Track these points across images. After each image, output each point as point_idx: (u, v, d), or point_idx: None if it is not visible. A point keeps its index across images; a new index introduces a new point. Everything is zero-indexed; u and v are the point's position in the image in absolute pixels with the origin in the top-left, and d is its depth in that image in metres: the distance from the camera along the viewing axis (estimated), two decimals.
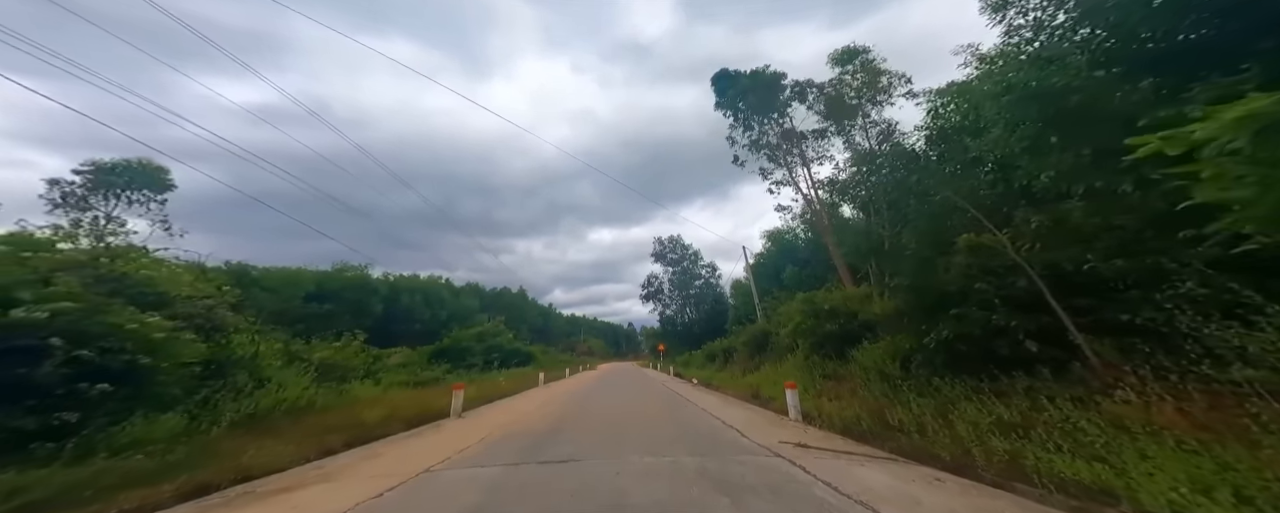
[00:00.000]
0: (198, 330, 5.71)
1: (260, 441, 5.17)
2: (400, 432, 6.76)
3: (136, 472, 3.70)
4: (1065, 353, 4.14)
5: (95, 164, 22.56)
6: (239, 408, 5.92)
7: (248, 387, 6.54)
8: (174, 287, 6.06)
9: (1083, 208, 3.97)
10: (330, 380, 10.33)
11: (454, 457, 4.73)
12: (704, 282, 44.93)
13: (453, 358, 22.32)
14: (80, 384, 3.88)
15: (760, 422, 6.83)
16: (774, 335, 13.41)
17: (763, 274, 21.95)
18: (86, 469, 3.47)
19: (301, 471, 4.42)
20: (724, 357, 19.66)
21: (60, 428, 3.75)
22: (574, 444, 5.24)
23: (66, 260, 4.70)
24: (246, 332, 7.33)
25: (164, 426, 4.56)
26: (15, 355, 3.60)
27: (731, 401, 10.14)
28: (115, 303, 4.49)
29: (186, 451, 4.33)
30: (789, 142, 17.85)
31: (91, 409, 3.99)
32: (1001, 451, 3.65)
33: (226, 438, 5.15)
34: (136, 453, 3.95)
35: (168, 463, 3.98)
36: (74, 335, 3.92)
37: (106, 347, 4.14)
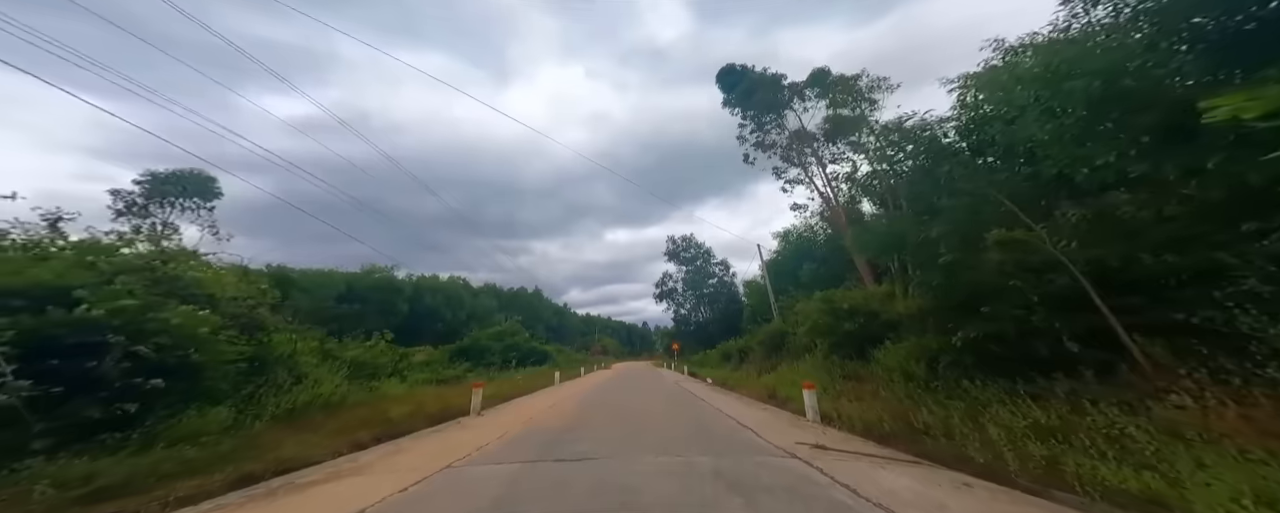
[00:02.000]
0: (241, 329, 6.09)
1: (298, 434, 5.47)
2: (424, 428, 7.00)
3: (191, 461, 3.98)
4: (1111, 355, 3.88)
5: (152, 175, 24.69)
6: (279, 403, 6.27)
7: (287, 383, 6.92)
8: (220, 288, 6.46)
9: (1131, 200, 3.71)
10: (361, 378, 10.84)
11: (474, 454, 4.88)
12: (718, 281, 44.47)
13: (473, 357, 22.97)
14: (138, 379, 4.19)
15: (777, 422, 6.72)
16: (791, 335, 13.16)
17: (779, 273, 21.54)
18: (147, 458, 3.76)
19: (335, 464, 4.64)
20: (739, 356, 19.42)
21: (123, 419, 4.06)
22: (589, 443, 5.30)
23: (126, 263, 5.11)
24: (285, 331, 7.72)
25: (213, 419, 4.87)
26: (83, 351, 3.93)
27: (747, 401, 10.01)
28: (169, 303, 4.86)
29: (233, 443, 4.62)
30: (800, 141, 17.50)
31: (150, 402, 4.31)
32: (1038, 456, 3.47)
33: (268, 431, 5.46)
34: (190, 444, 4.25)
35: (217, 454, 4.26)
36: (133, 333, 4.24)
37: (161, 343, 4.45)
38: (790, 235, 24.67)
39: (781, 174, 18.14)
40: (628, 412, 8.46)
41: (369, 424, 6.38)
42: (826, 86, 16.66)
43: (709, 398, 10.79)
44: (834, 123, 16.17)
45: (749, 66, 18.58)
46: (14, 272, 4.04)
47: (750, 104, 18.06)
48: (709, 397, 11.10)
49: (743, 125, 18.62)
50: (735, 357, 20.64)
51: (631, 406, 9.57)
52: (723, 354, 24.70)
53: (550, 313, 65.58)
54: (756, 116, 18.16)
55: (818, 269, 17.55)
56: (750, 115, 18.29)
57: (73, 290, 4.10)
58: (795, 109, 17.66)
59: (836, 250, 16.51)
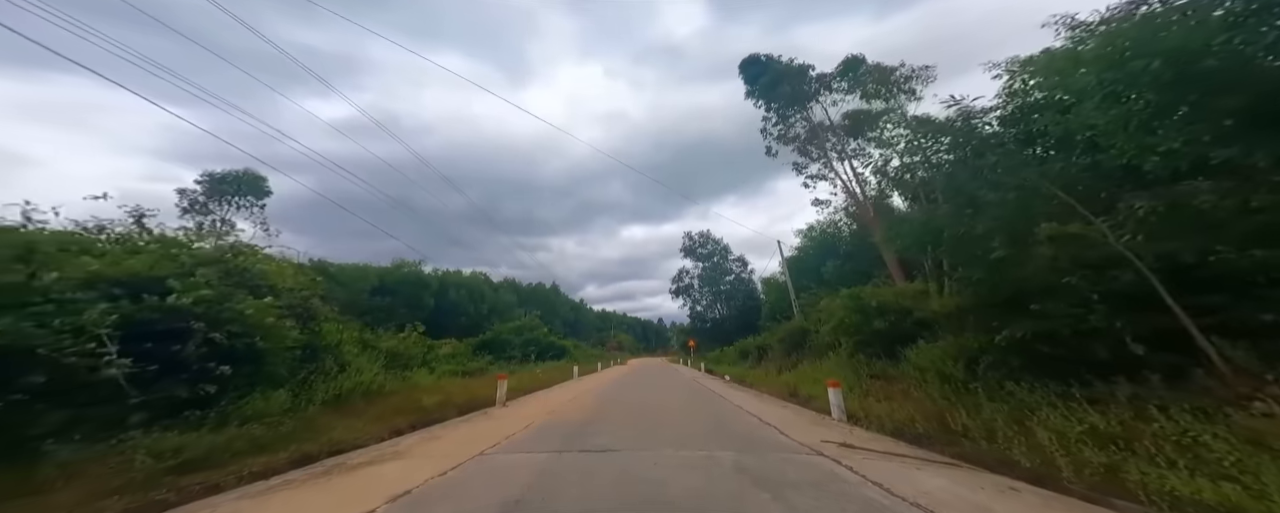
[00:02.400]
0: (296, 318, 6.52)
1: (344, 419, 5.82)
2: (454, 417, 7.30)
3: (258, 440, 4.30)
4: (1182, 358, 3.58)
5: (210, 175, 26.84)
6: (328, 389, 6.66)
7: (334, 370, 7.35)
8: (281, 279, 6.92)
9: (1212, 189, 3.38)
10: (396, 368, 11.42)
11: (503, 442, 5.05)
12: (735, 277, 43.88)
13: (494, 350, 23.71)
14: (212, 362, 4.57)
15: (800, 420, 6.61)
16: (813, 333, 12.86)
17: (800, 270, 21.03)
18: (223, 435, 4.09)
19: (379, 448, 4.92)
20: (758, 354, 19.16)
21: (204, 399, 4.45)
22: (611, 436, 5.38)
23: (203, 256, 5.58)
24: (332, 321, 8.19)
25: (275, 401, 5.24)
26: (171, 335, 4.32)
27: (767, 398, 9.89)
28: (238, 293, 5.26)
29: (292, 425, 4.96)
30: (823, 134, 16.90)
31: (224, 384, 4.69)
32: (1096, 463, 3.27)
33: (319, 415, 5.81)
34: (257, 424, 4.59)
35: (280, 434, 4.58)
36: (210, 320, 4.62)
37: (233, 331, 4.84)
38: (813, 232, 24.00)
39: (802, 170, 17.62)
40: (646, 407, 8.52)
41: (405, 412, 6.72)
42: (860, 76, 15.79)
43: (727, 395, 10.71)
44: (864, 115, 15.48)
45: (774, 56, 17.99)
46: (112, 263, 4.47)
47: (774, 96, 17.54)
48: (727, 394, 11.02)
49: (766, 118, 18.14)
50: (753, 354, 20.37)
51: (649, 401, 9.62)
52: (740, 351, 24.44)
53: (567, 309, 66.65)
54: (780, 109, 17.62)
55: (841, 266, 17.01)
56: (774, 108, 17.77)
57: (165, 280, 4.52)
58: (822, 101, 17.02)
59: (863, 247, 15.94)
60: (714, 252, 45.30)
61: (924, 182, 7.24)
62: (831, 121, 16.65)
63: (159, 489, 3.15)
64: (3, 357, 3.20)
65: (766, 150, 18.43)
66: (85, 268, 4.23)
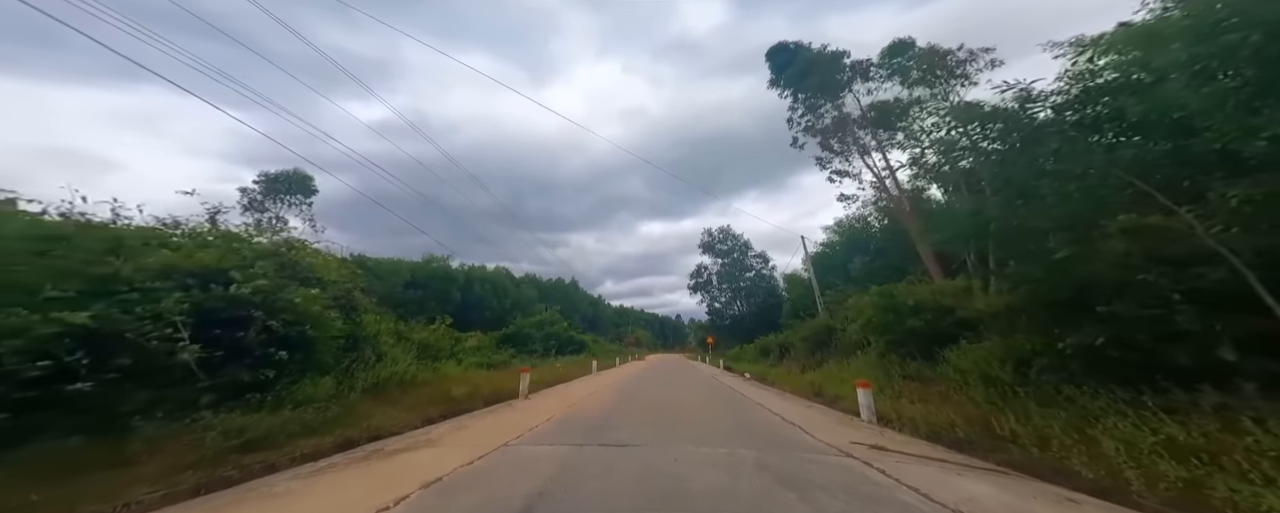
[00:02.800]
0: (340, 309, 6.94)
1: (382, 407, 6.12)
2: (481, 408, 7.57)
3: (308, 423, 4.60)
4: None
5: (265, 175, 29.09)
6: (367, 377, 7.04)
7: (372, 360, 7.77)
8: (327, 272, 7.34)
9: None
10: (427, 359, 11.99)
11: (526, 434, 5.18)
12: (756, 274, 43.02)
13: (517, 344, 24.38)
14: (270, 349, 4.91)
15: (826, 421, 6.43)
16: (839, 331, 12.43)
17: (826, 266, 20.33)
18: (278, 418, 4.39)
19: (413, 435, 5.16)
20: (780, 352, 18.74)
21: (264, 383, 4.81)
22: (630, 431, 5.40)
23: (262, 250, 6.04)
24: (372, 312, 8.64)
25: (322, 388, 5.57)
26: (235, 323, 4.69)
27: (789, 397, 9.67)
28: (291, 285, 5.65)
29: (337, 411, 5.26)
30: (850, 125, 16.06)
31: (281, 369, 5.04)
32: (1173, 477, 2.98)
33: (360, 402, 6.14)
34: (306, 409, 4.90)
35: (326, 419, 4.88)
36: (267, 309, 4.96)
37: (286, 319, 5.18)
38: (839, 227, 23.11)
39: (827, 164, 16.88)
40: (665, 403, 8.53)
41: (436, 402, 7.03)
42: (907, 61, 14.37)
43: (748, 393, 10.57)
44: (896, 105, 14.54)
45: (805, 44, 17.17)
46: (186, 256, 4.89)
47: (803, 85, 16.80)
48: (748, 391, 10.88)
49: (793, 108, 17.45)
50: (775, 352, 19.94)
51: (668, 397, 9.61)
52: (761, 349, 24.00)
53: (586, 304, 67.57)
54: (809, 99, 16.87)
55: (870, 263, 16.29)
56: (801, 98, 17.04)
57: (228, 272, 4.89)
58: (856, 91, 16.14)
59: (895, 242, 15.18)
60: (734, 248, 44.54)
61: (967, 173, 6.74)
62: (864, 111, 15.80)
63: (225, 466, 3.44)
64: (97, 340, 3.55)
65: (792, 142, 17.78)
66: (162, 260, 4.64)
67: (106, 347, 3.62)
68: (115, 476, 3.03)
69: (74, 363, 3.34)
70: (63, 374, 3.31)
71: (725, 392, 10.83)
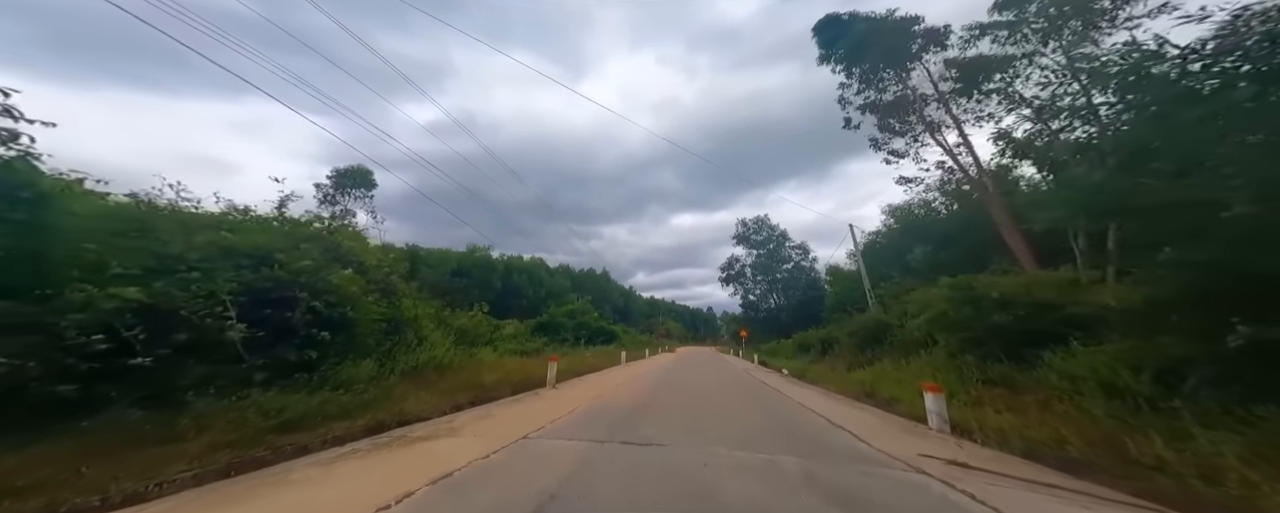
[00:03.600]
0: (381, 293, 7.21)
1: (417, 391, 6.24)
2: (508, 396, 7.56)
3: (345, 405, 4.70)
4: None
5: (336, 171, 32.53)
6: (407, 361, 7.25)
7: (413, 343, 8.02)
8: (368, 256, 7.62)
9: None
10: (464, 344, 12.50)
11: (548, 427, 4.96)
12: (794, 266, 40.68)
13: (549, 332, 25.03)
14: (314, 330, 5.09)
15: (883, 427, 5.59)
16: (895, 327, 11.08)
17: (878, 257, 18.42)
18: (316, 400, 4.51)
19: (437, 423, 5.12)
20: (821, 348, 17.40)
21: (309, 363, 5.01)
22: (656, 427, 5.02)
23: (309, 233, 6.36)
24: (411, 297, 8.90)
25: (364, 370, 5.75)
26: (283, 303, 4.89)
27: (835, 397, 8.75)
28: (334, 266, 5.88)
29: (374, 393, 5.39)
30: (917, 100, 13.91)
31: (325, 350, 5.22)
32: None
33: (398, 385, 6.31)
34: (346, 391, 5.05)
35: (361, 401, 4.99)
36: (311, 290, 5.15)
37: (330, 301, 5.37)
38: (897, 214, 20.83)
39: (885, 145, 14.89)
40: (696, 397, 8.04)
41: (467, 388, 7.08)
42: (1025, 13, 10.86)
43: (787, 390, 9.77)
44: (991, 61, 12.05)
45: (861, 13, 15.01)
46: (243, 238, 5.17)
47: (860, 58, 14.82)
48: (787, 389, 10.06)
49: (845, 85, 15.52)
50: (816, 348, 18.56)
51: (699, 390, 9.11)
52: (799, 344, 22.55)
53: (617, 295, 68.23)
54: (868, 73, 14.84)
55: (934, 253, 14.35)
56: (858, 73, 15.05)
57: (275, 253, 5.13)
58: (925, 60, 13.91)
59: (970, 229, 13.15)
60: (770, 238, 42.30)
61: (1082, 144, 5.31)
62: (936, 82, 13.62)
63: (260, 447, 3.50)
64: (154, 315, 3.78)
65: (845, 123, 15.89)
66: (219, 241, 4.93)
67: (164, 323, 3.84)
68: (161, 451, 3.13)
69: (132, 338, 3.55)
70: (123, 349, 3.53)
71: (760, 388, 10.11)
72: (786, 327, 31.85)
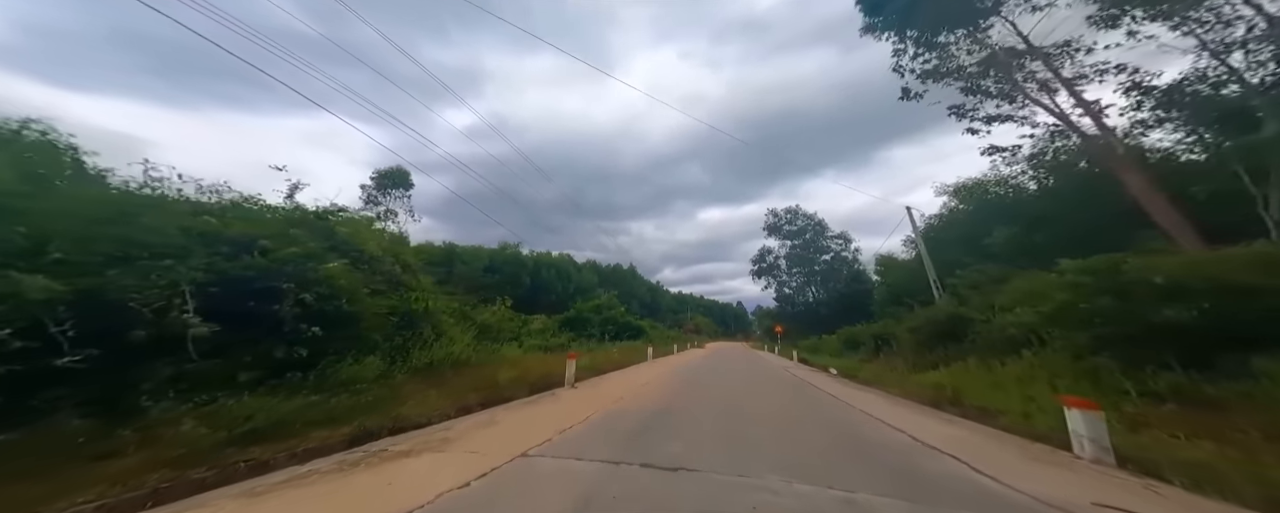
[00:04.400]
0: (388, 285, 6.67)
1: (425, 390, 5.62)
2: (523, 397, 6.79)
3: (333, 409, 4.08)
4: None
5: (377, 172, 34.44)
6: (422, 357, 6.71)
7: (430, 339, 7.40)
8: (368, 245, 6.99)
9: None
10: (487, 340, 12.08)
11: (556, 439, 4.06)
12: (833, 257, 37.58)
13: (576, 327, 24.63)
14: (303, 325, 4.53)
15: (1000, 452, 4.11)
16: (980, 322, 9.12)
17: (940, 243, 15.92)
18: (295, 403, 3.89)
19: (431, 432, 4.36)
20: (875, 345, 15.33)
21: (300, 361, 4.46)
22: (686, 442, 3.96)
23: (296, 218, 5.86)
24: (425, 290, 8.26)
25: (369, 368, 5.20)
26: (267, 294, 4.36)
27: (906, 405, 7.19)
28: (329, 255, 5.34)
29: (377, 393, 4.78)
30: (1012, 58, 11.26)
31: (319, 347, 4.66)
32: None
33: (408, 383, 5.73)
34: (346, 390, 4.47)
35: (359, 404, 4.37)
36: (298, 280, 4.58)
37: (321, 293, 4.78)
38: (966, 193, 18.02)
39: (967, 113, 12.44)
40: (733, 400, 6.85)
41: (480, 388, 6.39)
42: None
43: (842, 394, 8.25)
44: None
45: None
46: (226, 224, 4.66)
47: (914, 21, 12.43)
48: (841, 392, 8.53)
49: (899, 50, 13.21)
50: (868, 344, 16.47)
51: (736, 392, 7.87)
52: (846, 340, 20.38)
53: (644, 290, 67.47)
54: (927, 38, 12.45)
55: (1024, 235, 11.86)
56: (914, 36, 12.67)
57: (258, 240, 4.60)
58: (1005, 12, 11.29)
59: (1083, 204, 10.54)
60: (805, 228, 39.33)
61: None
62: (1027, 37, 11.02)
63: (206, 465, 2.85)
64: (102, 308, 3.27)
65: (902, 94, 13.57)
66: (201, 227, 4.46)
67: (111, 317, 3.33)
68: (83, 471, 2.56)
69: (58, 335, 3.02)
70: (51, 347, 3.01)
71: (811, 392, 8.67)
72: (827, 321, 29.41)
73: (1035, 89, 11.11)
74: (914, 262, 20.63)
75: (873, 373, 11.68)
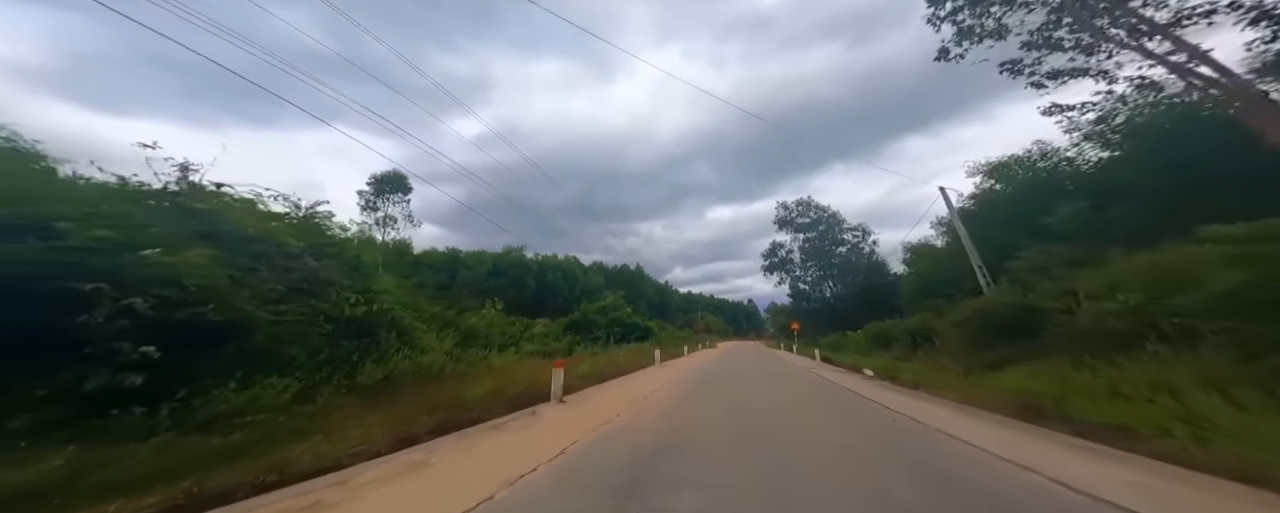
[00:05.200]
0: (309, 283, 5.25)
1: (361, 416, 4.35)
2: (497, 416, 5.43)
3: (176, 458, 2.82)
4: None
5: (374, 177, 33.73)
6: (373, 373, 5.48)
7: (391, 349, 6.21)
8: (261, 227, 5.07)
9: None
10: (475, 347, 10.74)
11: (517, 483, 2.74)
12: (850, 249, 35.49)
13: (581, 330, 23.41)
14: (126, 343, 3.11)
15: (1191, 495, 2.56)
16: (1059, 313, 7.44)
17: (984, 226, 14.06)
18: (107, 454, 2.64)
19: (314, 486, 2.95)
20: (912, 341, 13.58)
21: (131, 393, 3.10)
22: (701, 489, 2.64)
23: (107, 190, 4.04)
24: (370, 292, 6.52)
25: (262, 396, 3.89)
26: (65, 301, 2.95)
27: (981, 416, 5.58)
28: (197, 243, 3.83)
29: (271, 429, 3.53)
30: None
31: (173, 371, 3.34)
32: None
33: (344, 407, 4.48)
34: (222, 428, 3.25)
35: (230, 445, 3.13)
36: (115, 279, 3.16)
37: (168, 297, 3.40)
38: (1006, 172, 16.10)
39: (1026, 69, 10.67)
40: (761, 421, 5.29)
41: (439, 408, 5.06)
42: None
43: (898, 405, 6.49)
44: None
45: None
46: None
47: None
48: (895, 403, 6.72)
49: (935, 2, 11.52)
50: (902, 341, 14.72)
51: (762, 407, 6.29)
52: (874, 337, 18.57)
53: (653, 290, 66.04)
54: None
55: (1098, 209, 9.99)
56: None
57: (57, 222, 3.19)
58: None
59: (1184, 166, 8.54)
60: (820, 220, 37.35)
61: None
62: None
63: None
64: None
65: (939, 54, 11.85)
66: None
67: None
68: None
69: None
70: None
71: (854, 402, 7.10)
72: (847, 317, 27.53)
73: (1124, 35, 9.22)
74: (947, 250, 18.69)
75: (916, 374, 9.97)
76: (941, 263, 17.37)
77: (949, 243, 18.73)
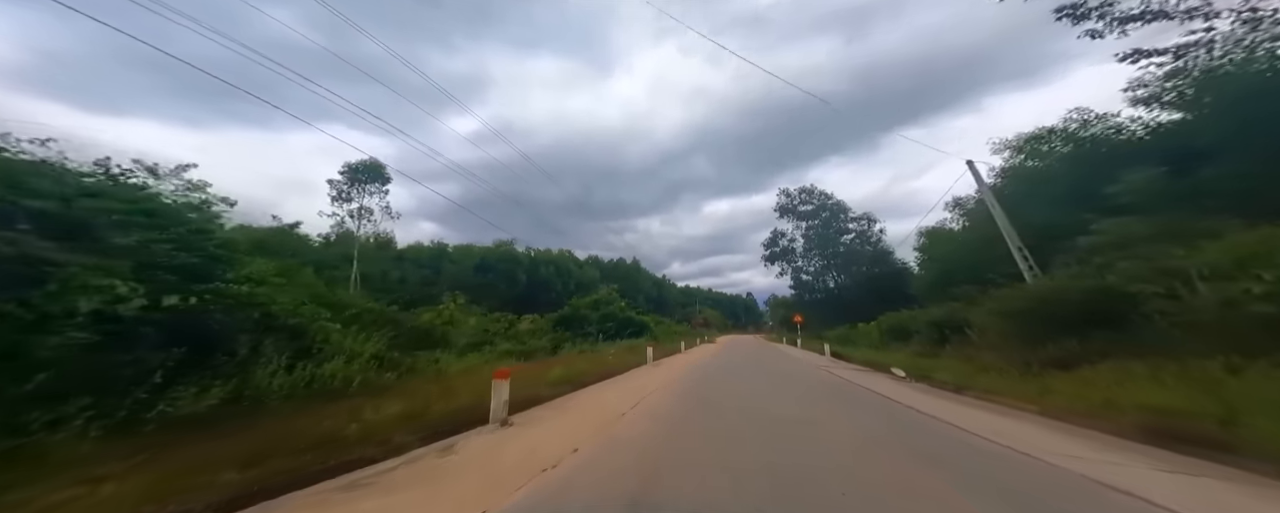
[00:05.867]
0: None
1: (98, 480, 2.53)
2: (389, 455, 3.57)
3: None
4: None
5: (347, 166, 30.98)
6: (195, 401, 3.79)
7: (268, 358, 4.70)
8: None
9: None
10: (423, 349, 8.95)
11: None
12: (856, 238, 33.85)
13: (572, 326, 21.75)
14: None
15: None
16: (1160, 298, 5.80)
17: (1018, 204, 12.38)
18: None
19: None
20: (939, 334, 12.00)
21: None
22: None
23: None
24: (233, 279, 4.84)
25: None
26: None
27: (1094, 438, 4.00)
28: None
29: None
30: None
31: None
32: None
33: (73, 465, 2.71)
34: None
35: None
36: None
37: None
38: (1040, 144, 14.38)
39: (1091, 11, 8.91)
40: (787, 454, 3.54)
41: (280, 450, 3.21)
42: None
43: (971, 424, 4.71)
44: None
45: None
46: None
47: None
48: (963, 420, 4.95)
49: None
50: (924, 334, 13.16)
51: (777, 429, 4.56)
52: (888, 330, 17.02)
53: (650, 285, 64.47)
54: None
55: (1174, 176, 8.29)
56: None
57: None
58: None
59: None
60: (823, 207, 35.64)
61: None
62: None
63: None
64: None
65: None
66: None
67: None
68: None
69: None
70: None
71: (898, 412, 5.49)
72: (853, 308, 26.04)
73: None
74: (970, 233, 17.03)
75: (955, 374, 8.41)
76: (966, 247, 15.72)
77: (969, 226, 17.09)
